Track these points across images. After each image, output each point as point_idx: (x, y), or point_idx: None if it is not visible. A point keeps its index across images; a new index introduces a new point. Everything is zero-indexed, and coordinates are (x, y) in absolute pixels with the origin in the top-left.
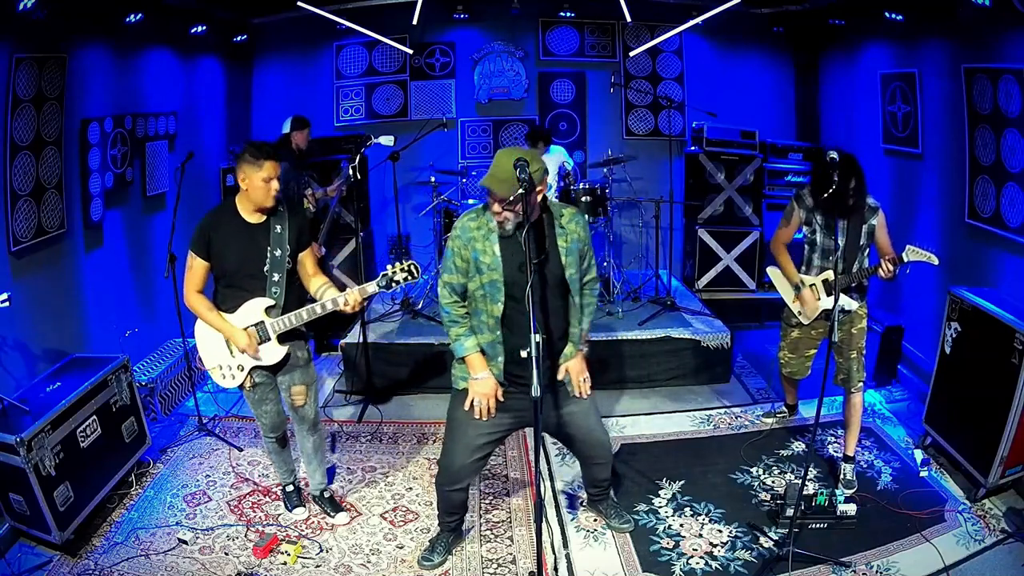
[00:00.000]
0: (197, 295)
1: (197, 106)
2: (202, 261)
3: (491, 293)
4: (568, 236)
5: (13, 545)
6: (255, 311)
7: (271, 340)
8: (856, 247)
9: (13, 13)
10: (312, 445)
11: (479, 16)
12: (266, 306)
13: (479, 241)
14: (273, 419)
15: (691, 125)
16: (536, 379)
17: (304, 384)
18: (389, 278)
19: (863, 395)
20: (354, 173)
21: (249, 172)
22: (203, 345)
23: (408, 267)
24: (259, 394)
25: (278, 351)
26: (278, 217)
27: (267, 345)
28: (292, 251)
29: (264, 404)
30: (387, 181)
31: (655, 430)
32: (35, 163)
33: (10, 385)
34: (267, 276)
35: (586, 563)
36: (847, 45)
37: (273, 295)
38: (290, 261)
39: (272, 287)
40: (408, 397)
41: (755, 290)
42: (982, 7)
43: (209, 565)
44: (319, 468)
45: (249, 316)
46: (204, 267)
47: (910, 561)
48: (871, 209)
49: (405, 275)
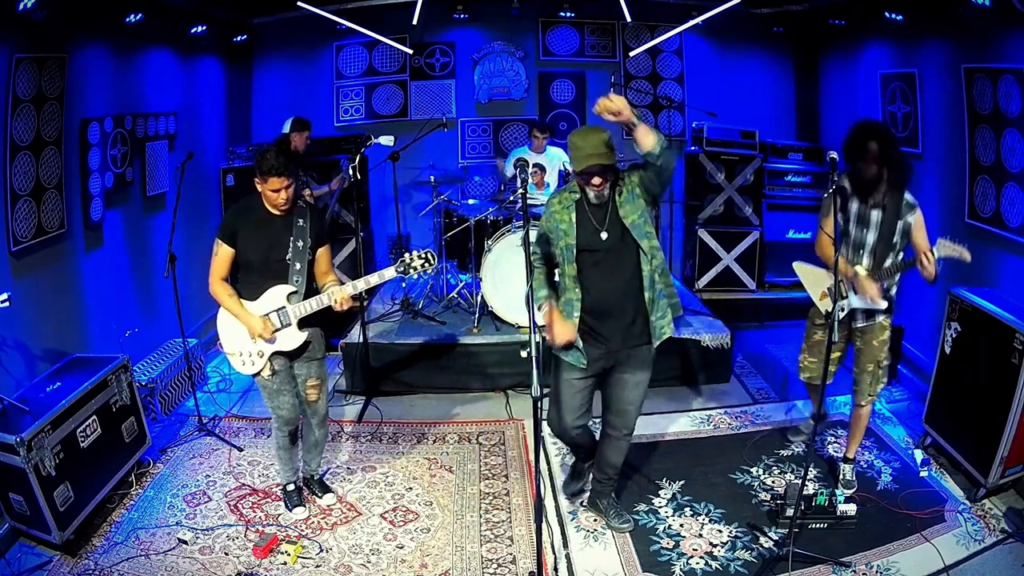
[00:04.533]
0: (221, 282)
1: (197, 106)
2: (228, 248)
3: (567, 255)
4: (624, 191)
5: (13, 545)
6: (278, 297)
7: (292, 325)
8: (889, 243)
9: (13, 13)
10: (318, 437)
11: (479, 16)
12: (288, 292)
13: (559, 213)
14: (290, 412)
15: (691, 125)
16: (536, 379)
17: (320, 379)
18: (407, 264)
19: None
20: (354, 173)
21: (258, 182)
22: (224, 331)
23: (425, 255)
24: (277, 384)
25: (298, 337)
26: (300, 212)
27: (288, 331)
28: (312, 244)
29: (281, 395)
30: (387, 181)
31: (655, 430)
32: (35, 163)
33: (10, 385)
34: (290, 264)
35: (586, 563)
36: (847, 45)
37: (295, 283)
38: (311, 253)
39: (294, 275)
40: (408, 397)
41: (755, 290)
42: (982, 7)
43: (209, 565)
44: (316, 457)
45: (272, 302)
46: (229, 254)
47: (910, 561)
48: (908, 206)
49: (423, 262)
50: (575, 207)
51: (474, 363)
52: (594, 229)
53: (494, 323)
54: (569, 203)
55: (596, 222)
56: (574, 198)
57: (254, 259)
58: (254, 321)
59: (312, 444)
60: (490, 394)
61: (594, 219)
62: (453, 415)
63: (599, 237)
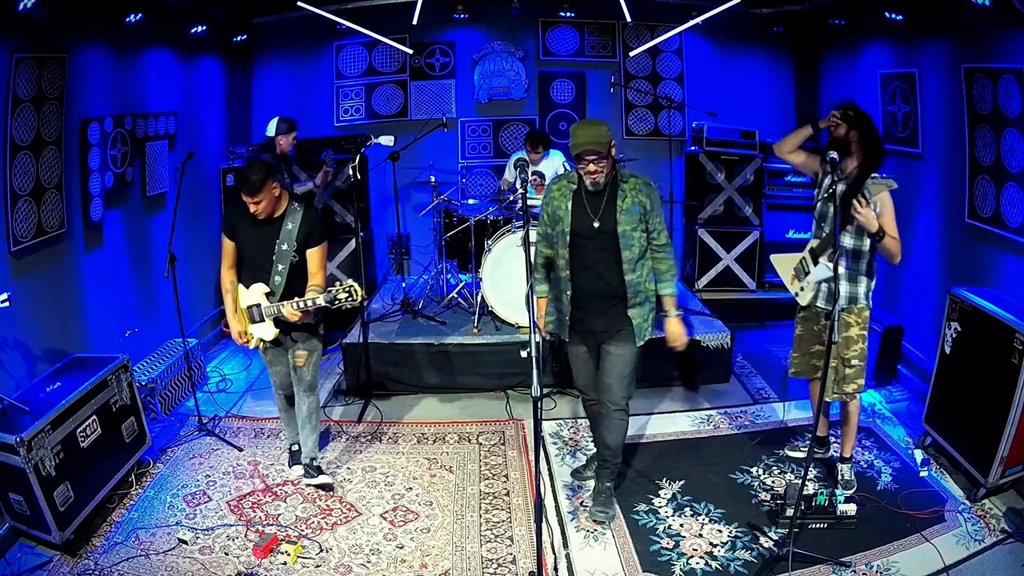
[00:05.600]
0: (225, 272)
1: (197, 106)
2: (229, 241)
3: (562, 238)
4: (627, 199)
5: (13, 545)
6: (256, 293)
7: (265, 321)
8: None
9: (13, 13)
10: (307, 408)
11: (479, 16)
12: (265, 291)
13: (557, 200)
14: (282, 379)
15: (691, 125)
16: (536, 379)
17: (307, 351)
18: (333, 295)
19: (859, 402)
20: (354, 173)
21: None
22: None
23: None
24: (270, 356)
25: (270, 331)
26: (292, 215)
27: (261, 325)
28: (299, 247)
29: (275, 365)
30: (387, 181)
31: (655, 430)
32: (35, 163)
33: (10, 385)
34: (273, 265)
35: (586, 563)
36: (847, 45)
37: (273, 284)
38: (296, 256)
39: (275, 276)
40: (408, 397)
41: (755, 290)
42: (982, 7)
43: (209, 565)
44: (311, 435)
45: (252, 296)
46: (231, 247)
47: (910, 561)
48: (883, 182)
49: (346, 295)
50: (572, 196)
51: (474, 363)
52: (588, 217)
53: (494, 323)
54: (567, 191)
55: (591, 211)
56: (572, 188)
57: (246, 255)
58: (233, 323)
59: (304, 418)
60: (490, 394)
61: (589, 208)
62: (453, 415)
63: (592, 225)
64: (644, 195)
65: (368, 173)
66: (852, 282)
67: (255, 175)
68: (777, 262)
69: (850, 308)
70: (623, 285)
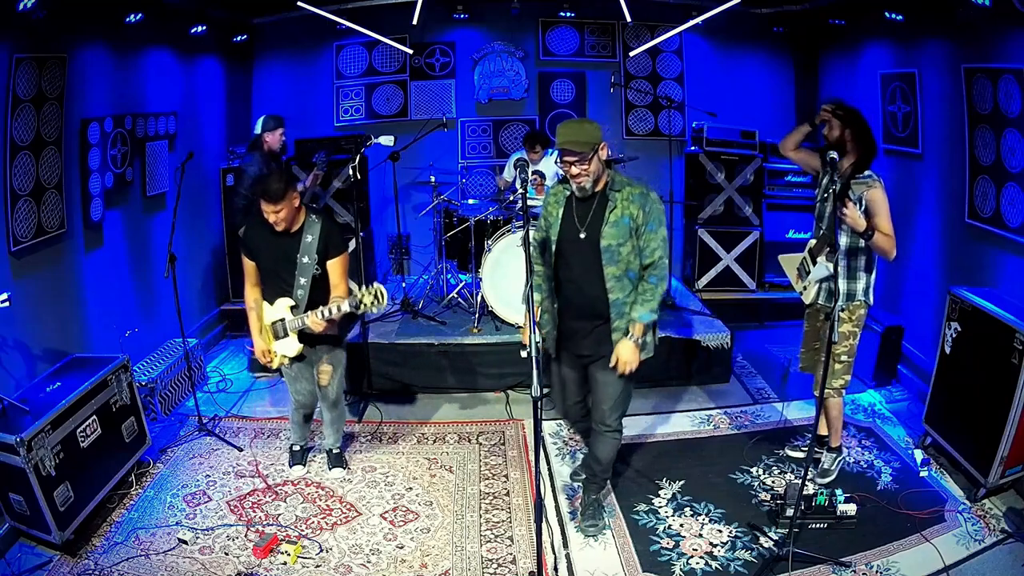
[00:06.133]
0: (249, 289)
1: (197, 106)
2: (250, 262)
3: (550, 246)
4: (618, 209)
5: (13, 545)
6: (281, 308)
7: (289, 336)
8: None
9: (13, 13)
10: (331, 417)
11: (479, 16)
12: (290, 305)
13: (551, 206)
14: (306, 397)
15: (691, 125)
16: (536, 379)
17: (331, 364)
18: (358, 300)
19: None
20: (354, 173)
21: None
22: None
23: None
24: (295, 372)
25: (293, 347)
26: (310, 227)
27: (284, 341)
28: (320, 259)
29: (299, 382)
30: (387, 181)
31: (655, 430)
32: (35, 163)
33: (10, 385)
34: (295, 279)
35: (586, 563)
36: (847, 45)
37: (297, 297)
38: (318, 268)
39: (298, 289)
40: (408, 397)
41: (755, 290)
42: (982, 7)
43: (209, 565)
44: (335, 434)
45: (277, 311)
46: (253, 266)
47: (910, 561)
48: (863, 182)
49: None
50: (565, 202)
51: (474, 363)
52: (575, 226)
53: (494, 323)
54: (561, 197)
55: (578, 219)
56: (566, 194)
57: (266, 270)
58: (257, 342)
59: (327, 424)
60: (490, 394)
61: (577, 216)
62: (453, 415)
63: (578, 236)
64: (636, 206)
65: (368, 173)
66: (850, 279)
67: (276, 183)
68: (784, 262)
69: (846, 304)
70: (607, 305)
